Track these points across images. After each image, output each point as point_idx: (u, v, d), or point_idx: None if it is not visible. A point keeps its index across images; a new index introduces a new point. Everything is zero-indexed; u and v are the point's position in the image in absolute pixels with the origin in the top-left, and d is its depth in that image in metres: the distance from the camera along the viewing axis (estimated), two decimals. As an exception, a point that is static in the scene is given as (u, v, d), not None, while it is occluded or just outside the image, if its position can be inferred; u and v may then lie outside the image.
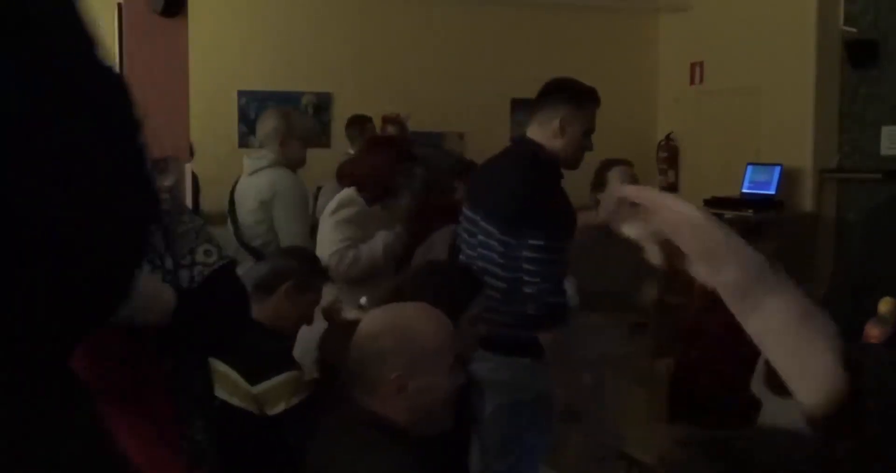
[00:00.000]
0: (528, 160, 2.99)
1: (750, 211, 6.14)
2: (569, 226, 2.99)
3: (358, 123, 6.08)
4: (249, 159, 4.48)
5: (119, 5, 5.88)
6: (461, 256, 3.09)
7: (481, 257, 2.92)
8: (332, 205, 3.78)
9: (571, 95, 3.13)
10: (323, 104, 6.97)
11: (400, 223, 4.05)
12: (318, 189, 5.08)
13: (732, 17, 6.92)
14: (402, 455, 1.72)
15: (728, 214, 6.26)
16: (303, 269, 2.82)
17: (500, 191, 2.94)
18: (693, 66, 7.43)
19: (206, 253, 1.74)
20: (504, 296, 2.84)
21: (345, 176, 3.91)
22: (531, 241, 2.82)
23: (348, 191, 3.81)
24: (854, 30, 6.07)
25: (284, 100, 6.79)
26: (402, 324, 1.83)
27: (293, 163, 4.31)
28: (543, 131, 3.05)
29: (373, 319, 1.87)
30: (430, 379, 1.79)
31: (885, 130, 5.95)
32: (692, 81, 7.47)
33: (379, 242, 3.74)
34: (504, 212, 2.88)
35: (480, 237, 2.95)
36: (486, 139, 7.47)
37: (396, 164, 3.83)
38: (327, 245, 3.69)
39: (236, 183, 4.52)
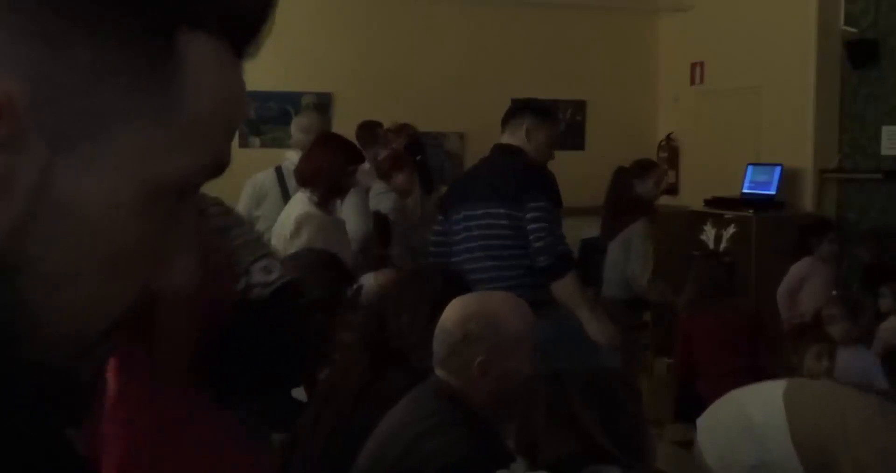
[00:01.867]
0: (512, 156, 3.63)
1: (750, 211, 6.14)
2: (558, 195, 3.63)
3: (368, 128, 5.97)
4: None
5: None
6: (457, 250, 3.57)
7: (487, 237, 3.48)
8: (290, 226, 3.49)
9: (534, 109, 3.80)
10: (323, 104, 6.97)
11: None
12: (367, 190, 4.78)
13: (732, 17, 6.92)
14: (474, 436, 1.78)
15: (728, 214, 6.27)
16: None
17: (502, 181, 3.53)
18: (693, 65, 7.43)
19: (265, 270, 1.47)
20: (514, 262, 3.41)
21: (301, 177, 3.75)
22: (532, 204, 3.41)
23: (301, 206, 3.57)
24: (854, 30, 6.07)
25: (284, 100, 6.80)
26: (489, 311, 1.89)
27: None
28: (514, 138, 3.67)
29: (459, 305, 1.92)
30: (512, 364, 1.85)
31: (885, 130, 5.95)
32: (692, 81, 7.47)
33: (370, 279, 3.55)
34: (509, 192, 3.47)
35: (486, 221, 3.50)
36: (486, 139, 7.45)
37: (344, 164, 3.71)
38: None
39: (281, 181, 4.38)
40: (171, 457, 1.47)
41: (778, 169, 6.34)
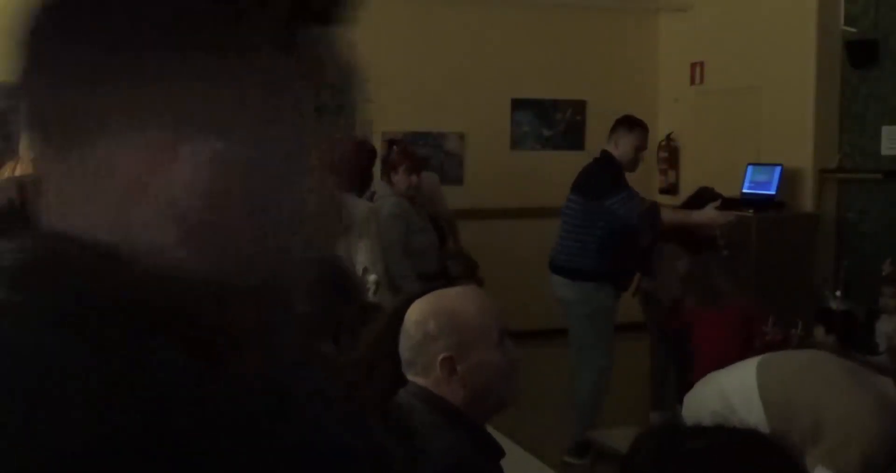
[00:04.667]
0: (602, 162, 5.03)
1: (750, 211, 6.14)
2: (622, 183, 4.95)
3: None
4: None
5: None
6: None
7: (570, 219, 5.00)
8: (362, 218, 3.60)
9: (623, 122, 5.09)
10: (323, 104, 6.97)
11: None
12: (371, 194, 4.74)
13: (732, 17, 6.92)
14: (461, 438, 1.77)
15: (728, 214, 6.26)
16: None
17: (591, 180, 5.00)
18: (693, 66, 7.43)
19: None
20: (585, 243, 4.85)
21: None
22: (607, 203, 4.82)
23: (353, 201, 3.71)
24: (854, 30, 6.07)
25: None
26: (445, 307, 1.88)
27: None
28: (610, 146, 5.03)
29: (418, 306, 1.91)
30: (479, 356, 1.83)
31: (885, 130, 5.95)
32: (692, 81, 7.47)
33: None
34: (592, 191, 4.91)
35: (576, 208, 4.98)
36: (486, 139, 7.48)
37: (368, 163, 3.86)
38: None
39: None
40: None
41: (778, 169, 6.34)
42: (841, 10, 6.17)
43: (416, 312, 1.90)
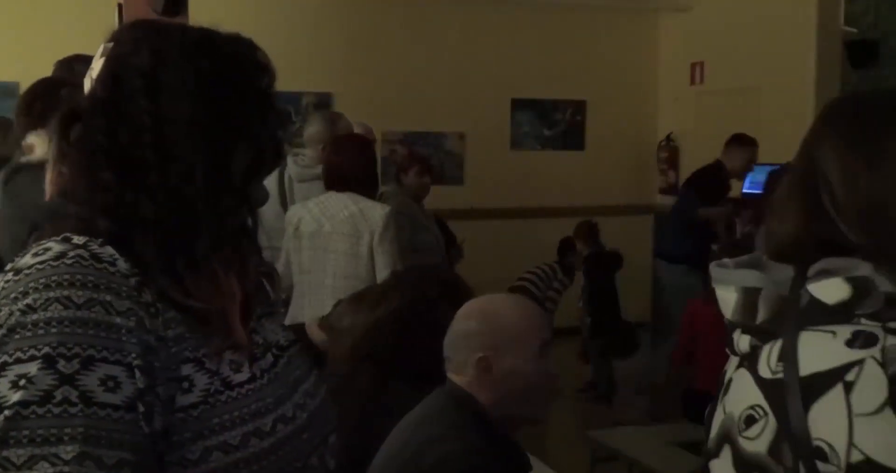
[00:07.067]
0: (714, 165, 5.93)
1: (750, 211, 6.13)
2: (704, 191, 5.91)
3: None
4: (297, 167, 4.15)
5: (119, 5, 5.89)
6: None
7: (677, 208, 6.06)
8: (380, 222, 3.54)
9: (735, 139, 5.90)
10: (323, 104, 6.97)
11: None
12: (380, 195, 4.57)
13: (732, 17, 6.92)
14: (483, 442, 1.77)
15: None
16: None
17: (693, 175, 6.05)
18: (693, 66, 7.43)
19: None
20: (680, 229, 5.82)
21: (343, 179, 3.74)
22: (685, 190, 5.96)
23: (371, 203, 3.66)
24: (854, 30, 6.08)
25: (284, 101, 6.77)
26: (490, 309, 1.91)
27: None
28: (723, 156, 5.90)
29: (466, 306, 1.95)
30: (515, 362, 1.85)
31: (886, 130, 5.95)
32: (692, 81, 7.47)
33: None
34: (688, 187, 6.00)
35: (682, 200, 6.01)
36: (486, 139, 7.48)
37: (375, 162, 3.85)
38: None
39: (281, 182, 4.22)
40: None
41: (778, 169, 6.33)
42: (841, 10, 6.17)
43: (462, 311, 1.93)
